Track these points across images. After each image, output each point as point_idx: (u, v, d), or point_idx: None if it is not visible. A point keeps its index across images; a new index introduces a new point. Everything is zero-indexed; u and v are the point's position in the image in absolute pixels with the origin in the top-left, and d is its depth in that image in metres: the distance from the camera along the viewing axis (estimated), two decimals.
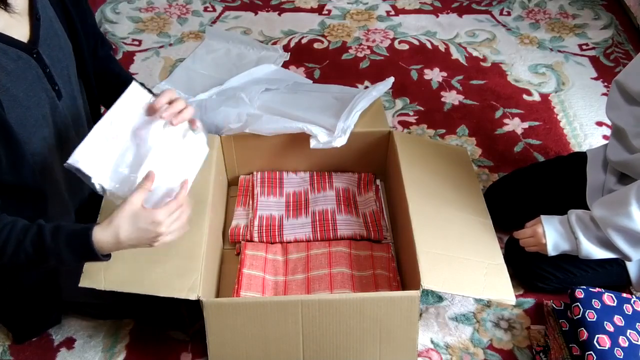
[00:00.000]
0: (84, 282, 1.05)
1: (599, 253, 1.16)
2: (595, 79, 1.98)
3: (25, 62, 0.94)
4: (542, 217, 1.22)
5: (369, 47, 2.11)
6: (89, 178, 0.93)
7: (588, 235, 1.15)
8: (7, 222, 0.90)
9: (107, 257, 0.94)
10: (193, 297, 1.05)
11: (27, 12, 0.96)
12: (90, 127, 0.97)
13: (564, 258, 1.23)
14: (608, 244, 1.14)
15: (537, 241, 1.21)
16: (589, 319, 1.13)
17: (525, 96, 1.90)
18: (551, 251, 1.20)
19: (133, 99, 1.01)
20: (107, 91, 1.19)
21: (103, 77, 1.18)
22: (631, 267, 1.24)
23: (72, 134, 1.08)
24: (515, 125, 1.79)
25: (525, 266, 1.31)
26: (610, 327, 1.12)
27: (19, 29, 0.94)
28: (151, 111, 1.01)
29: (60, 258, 0.90)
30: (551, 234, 1.19)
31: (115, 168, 0.96)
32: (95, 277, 1.05)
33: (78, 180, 0.94)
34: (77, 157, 0.91)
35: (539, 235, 1.21)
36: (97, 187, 0.94)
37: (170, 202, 0.93)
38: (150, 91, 1.05)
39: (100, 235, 0.89)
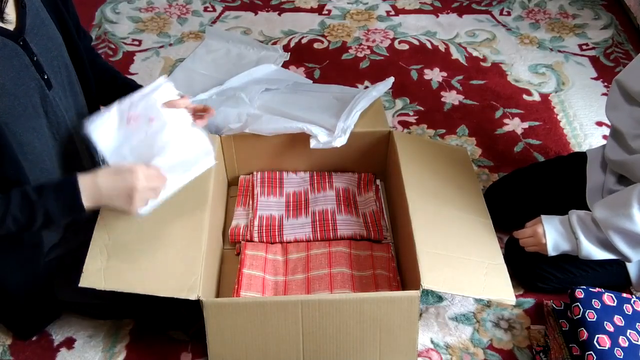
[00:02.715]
0: (84, 282, 1.05)
1: (599, 254, 1.16)
2: (595, 79, 1.98)
3: (11, 50, 0.94)
4: (543, 217, 1.22)
5: (369, 47, 2.11)
6: (97, 149, 1.04)
7: (589, 236, 1.15)
8: None
9: (84, 212, 0.97)
10: (193, 297, 1.05)
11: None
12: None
13: (563, 258, 1.23)
14: (608, 245, 1.14)
15: (537, 241, 1.21)
16: (589, 319, 1.13)
17: (525, 96, 1.90)
18: (551, 251, 1.20)
19: (162, 92, 1.10)
20: (97, 85, 1.20)
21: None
22: (631, 267, 1.24)
23: (67, 125, 1.07)
24: (515, 125, 1.79)
25: (525, 266, 1.31)
26: (610, 327, 1.12)
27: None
28: (170, 106, 1.08)
29: (47, 212, 0.93)
30: (551, 234, 1.19)
31: (119, 146, 1.04)
32: (95, 277, 1.05)
33: (74, 172, 0.97)
34: (91, 128, 1.03)
35: (539, 235, 1.21)
36: (102, 158, 1.05)
37: (150, 167, 0.99)
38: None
39: (83, 180, 0.94)
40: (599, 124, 1.80)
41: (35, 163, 1.03)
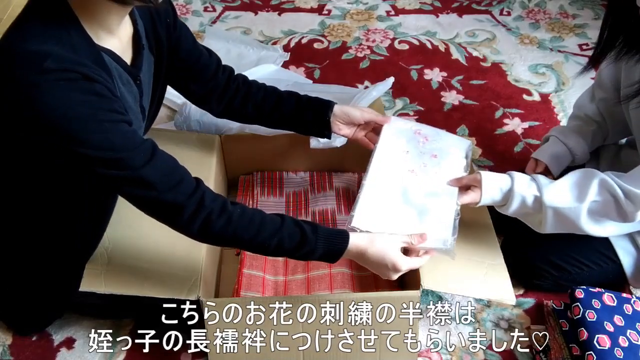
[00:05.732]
0: (85, 286, 1.05)
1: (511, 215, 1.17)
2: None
3: (130, 87, 0.97)
4: (483, 186, 1.15)
5: (369, 47, 2.11)
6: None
7: (518, 211, 1.15)
8: (255, 211, 0.98)
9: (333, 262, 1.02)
10: (193, 297, 1.05)
11: (131, 39, 0.99)
12: None
13: (558, 256, 1.24)
14: (526, 217, 1.16)
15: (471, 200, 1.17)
16: (589, 319, 1.13)
17: (525, 96, 1.90)
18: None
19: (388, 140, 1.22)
20: (244, 104, 1.25)
21: (226, 90, 1.25)
22: (627, 265, 1.24)
23: None
24: (515, 125, 1.79)
25: (520, 263, 1.31)
26: (610, 327, 1.12)
27: (126, 55, 0.97)
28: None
29: (311, 250, 0.97)
30: (486, 201, 1.16)
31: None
32: (96, 280, 1.06)
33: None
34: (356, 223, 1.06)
35: (475, 198, 1.17)
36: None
37: (417, 261, 1.03)
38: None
39: (355, 242, 0.99)
40: None
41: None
